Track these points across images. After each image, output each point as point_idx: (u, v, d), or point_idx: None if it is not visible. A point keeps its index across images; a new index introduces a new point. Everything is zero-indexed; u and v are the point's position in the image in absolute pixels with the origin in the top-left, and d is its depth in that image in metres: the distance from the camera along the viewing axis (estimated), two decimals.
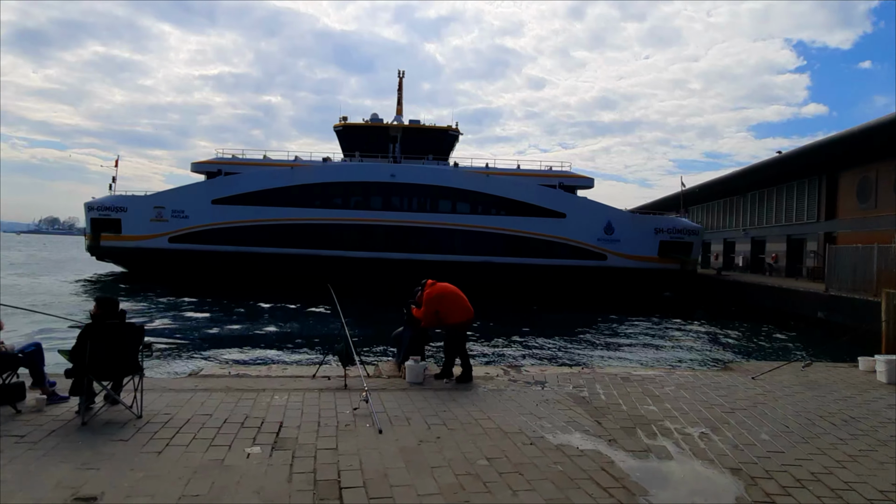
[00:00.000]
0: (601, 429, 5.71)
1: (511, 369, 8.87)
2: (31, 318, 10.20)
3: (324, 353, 8.20)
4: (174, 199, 38.66)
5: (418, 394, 6.91)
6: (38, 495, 3.81)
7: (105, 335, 5.39)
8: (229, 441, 4.99)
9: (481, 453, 4.90)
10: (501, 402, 6.61)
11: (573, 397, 6.94)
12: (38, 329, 11.95)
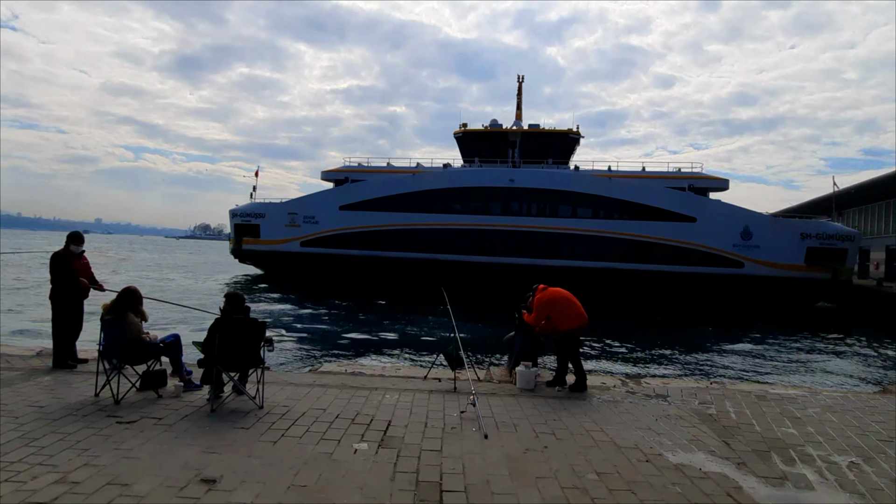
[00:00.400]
0: (729, 450, 5.19)
1: (630, 380, 8.38)
2: (174, 310, 11.29)
3: (436, 355, 8.25)
4: (305, 206, 41.24)
5: (528, 400, 6.71)
6: (167, 474, 4.12)
7: (231, 329, 5.77)
8: (339, 436, 5.12)
9: (591, 467, 4.63)
10: (617, 415, 6.24)
11: (698, 414, 6.39)
12: (179, 322, 13.25)
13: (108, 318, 5.97)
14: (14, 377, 6.65)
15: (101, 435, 4.87)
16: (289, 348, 14.35)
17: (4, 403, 5.59)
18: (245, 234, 42.08)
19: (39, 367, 7.15)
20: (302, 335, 16.98)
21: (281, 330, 17.69)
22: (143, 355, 6.13)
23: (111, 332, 5.93)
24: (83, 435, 4.84)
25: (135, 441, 4.76)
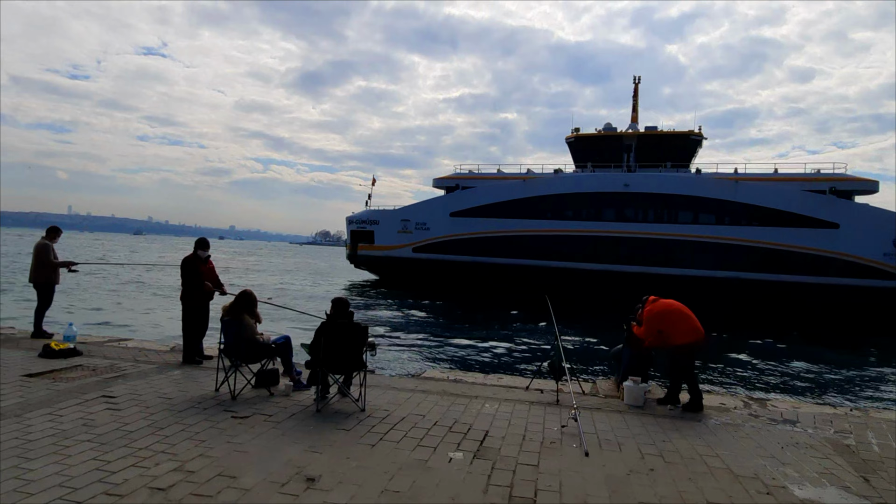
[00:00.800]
0: (868, 488, 4.57)
1: (753, 402, 7.68)
2: (287, 312, 11.96)
3: (537, 365, 8.06)
4: (417, 213, 42.28)
5: (636, 418, 6.34)
6: (271, 469, 4.32)
7: (335, 333, 5.97)
8: (435, 443, 5.12)
9: (702, 495, 4.26)
10: (736, 440, 5.72)
11: (833, 444, 5.70)
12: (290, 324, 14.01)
13: (226, 319, 6.41)
14: (150, 370, 7.34)
15: (217, 428, 5.22)
16: (394, 353, 14.70)
17: (139, 394, 6.16)
18: (360, 241, 43.92)
19: (171, 362, 7.84)
20: (408, 340, 17.34)
21: (387, 335, 18.21)
22: (256, 355, 6.52)
23: (229, 332, 6.36)
24: (202, 427, 5.21)
25: (246, 436, 5.05)
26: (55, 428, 4.93)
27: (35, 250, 9.12)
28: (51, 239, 9.27)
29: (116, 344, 9.01)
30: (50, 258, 9.11)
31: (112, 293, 26.84)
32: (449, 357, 15.00)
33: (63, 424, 5.04)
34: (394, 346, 15.53)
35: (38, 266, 9.07)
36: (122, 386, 6.43)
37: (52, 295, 9.25)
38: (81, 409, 5.49)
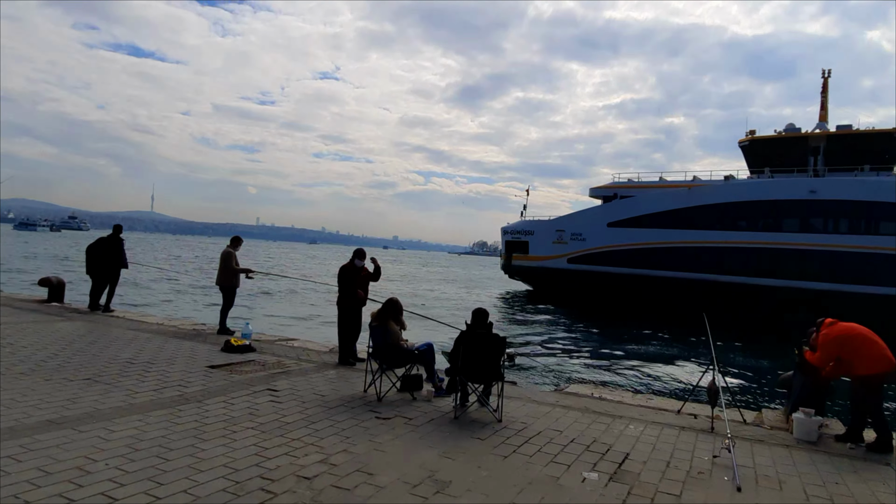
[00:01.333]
0: None
1: None
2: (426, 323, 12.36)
3: (693, 387, 7.48)
4: (573, 223, 41.45)
5: (805, 454, 5.63)
6: (405, 470, 4.50)
7: (474, 342, 6.07)
8: (570, 461, 4.97)
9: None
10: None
11: None
12: (435, 332, 14.43)
13: (373, 324, 6.81)
14: (309, 368, 8.02)
15: (361, 426, 5.55)
16: (539, 365, 14.51)
17: (298, 389, 6.76)
18: (515, 251, 44.11)
19: (328, 363, 8.50)
20: (555, 353, 17.03)
21: (533, 346, 18.03)
22: (400, 360, 6.83)
23: (376, 337, 6.75)
24: (348, 424, 5.58)
25: (386, 436, 5.31)
26: (227, 414, 5.59)
27: (221, 257, 10.44)
28: (234, 247, 10.56)
29: (284, 343, 9.98)
30: (232, 264, 10.37)
31: (283, 297, 29.76)
32: (595, 373, 14.47)
33: (233, 412, 5.69)
34: (539, 359, 15.34)
35: (223, 271, 10.37)
36: (284, 381, 7.11)
37: (233, 297, 10.51)
38: (249, 400, 6.16)
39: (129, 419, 5.21)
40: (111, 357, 7.68)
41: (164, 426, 5.09)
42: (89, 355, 7.70)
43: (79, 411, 5.33)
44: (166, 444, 4.67)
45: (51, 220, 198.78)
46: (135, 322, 11.01)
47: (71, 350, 7.94)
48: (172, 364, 7.58)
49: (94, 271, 11.91)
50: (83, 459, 4.20)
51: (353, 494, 3.99)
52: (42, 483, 3.76)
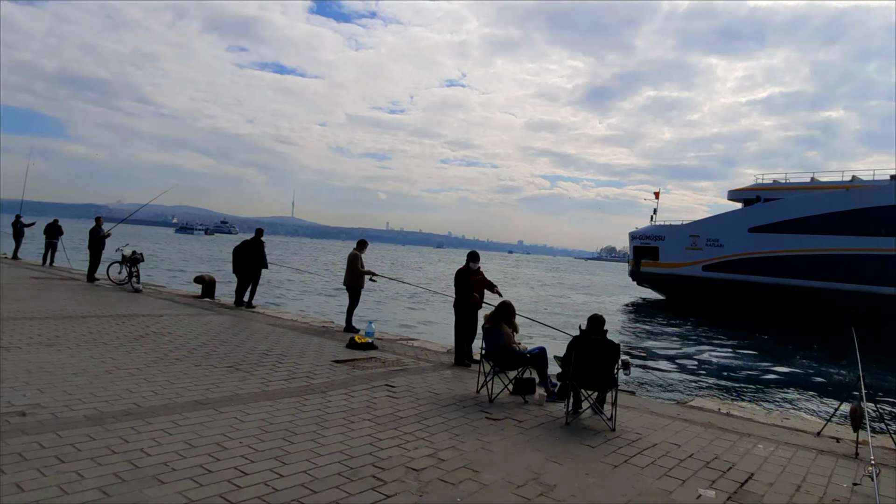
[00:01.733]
0: None
1: None
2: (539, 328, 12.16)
3: (835, 408, 6.76)
4: (709, 228, 38.87)
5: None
6: (511, 470, 4.53)
7: (587, 348, 5.95)
8: (685, 476, 4.72)
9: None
10: None
11: None
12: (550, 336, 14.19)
13: (486, 326, 6.90)
14: (427, 367, 8.30)
15: (471, 425, 5.66)
16: (663, 377, 13.76)
17: (414, 386, 7.03)
18: (644, 257, 42.23)
19: (445, 363, 8.72)
20: (682, 364, 16.04)
21: (658, 357, 17.13)
22: (512, 362, 6.85)
23: (489, 339, 6.84)
24: (458, 422, 5.72)
25: (494, 436, 5.38)
26: (347, 406, 5.95)
27: (348, 259, 11.10)
28: (360, 250, 11.18)
29: (405, 343, 10.38)
30: (359, 266, 10.98)
31: (406, 299, 30.78)
32: (728, 386, 13.46)
33: (353, 404, 6.05)
34: (663, 371, 14.56)
35: (350, 272, 11.01)
36: (402, 378, 7.42)
37: (359, 297, 11.12)
38: (368, 394, 6.51)
39: (261, 404, 5.73)
40: (250, 348, 8.46)
41: (291, 413, 5.54)
42: (232, 346, 8.54)
43: (220, 395, 5.95)
44: (292, 428, 5.08)
45: (205, 224, 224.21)
46: (272, 318, 12.01)
47: (217, 340, 8.86)
48: (302, 357, 8.20)
49: (238, 271, 13.16)
50: (221, 437, 4.70)
51: (458, 489, 4.09)
52: (186, 454, 4.26)
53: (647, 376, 13.53)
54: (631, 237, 44.03)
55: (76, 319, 9.77)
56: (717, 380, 14.52)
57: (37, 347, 7.41)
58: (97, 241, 16.16)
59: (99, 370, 6.51)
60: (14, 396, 5.31)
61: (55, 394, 5.49)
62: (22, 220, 22.78)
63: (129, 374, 6.46)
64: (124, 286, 15.11)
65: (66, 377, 6.10)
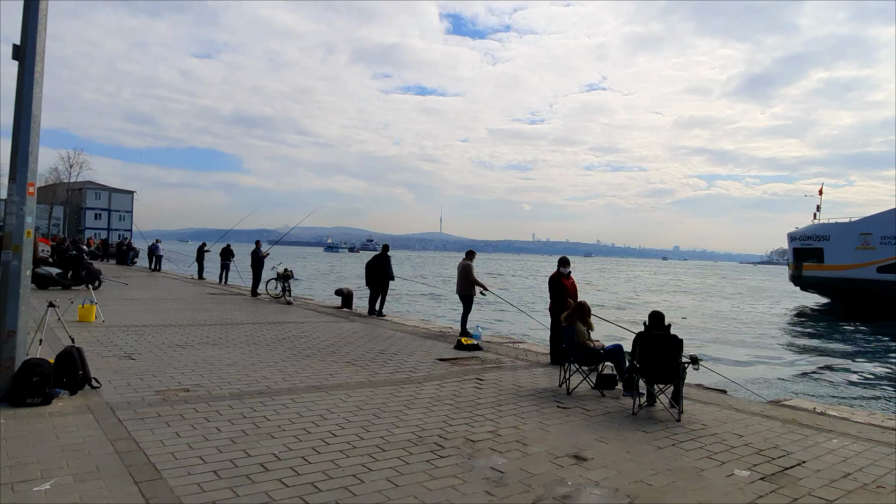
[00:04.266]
0: None
1: None
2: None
3: None
4: (885, 224, 34.72)
5: None
6: (557, 445, 5.18)
7: (650, 343, 6.36)
8: (728, 459, 5.04)
9: None
10: None
11: None
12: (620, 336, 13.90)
13: (564, 325, 7.51)
14: (521, 365, 9.04)
15: (539, 412, 6.34)
16: (777, 377, 12.97)
17: (501, 380, 7.83)
18: (806, 259, 38.65)
19: (542, 362, 9.38)
20: (808, 366, 14.87)
21: (786, 357, 15.96)
22: (588, 358, 7.37)
23: (566, 337, 7.44)
24: (528, 409, 6.43)
25: (556, 421, 6.02)
26: (435, 394, 6.92)
27: (460, 269, 12.14)
28: (470, 259, 12.17)
29: (512, 345, 11.16)
30: (471, 277, 11.97)
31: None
32: (857, 393, 12.41)
33: (441, 392, 7.01)
34: (787, 371, 13.69)
35: (462, 281, 12.04)
36: (493, 374, 8.25)
37: (471, 304, 12.09)
38: (457, 385, 7.43)
39: (364, 390, 6.90)
40: (369, 349, 9.80)
41: (386, 397, 6.64)
42: (354, 346, 9.94)
43: (333, 382, 7.23)
44: (383, 408, 6.16)
45: (352, 242, 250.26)
46: (398, 324, 13.42)
47: (343, 342, 10.34)
48: (411, 356, 9.34)
49: (370, 283, 14.81)
50: (325, 411, 5.90)
51: (503, 456, 4.85)
52: (295, 421, 5.50)
53: (757, 374, 12.90)
54: (790, 238, 40.52)
55: (237, 326, 11.88)
56: (865, 389, 13.40)
57: (204, 346, 9.35)
58: (257, 262, 18.93)
59: (246, 362, 8.16)
60: (183, 379, 7.01)
61: (211, 377, 7.13)
62: (205, 248, 27.06)
63: (268, 366, 8.02)
64: (279, 299, 17.56)
65: (221, 367, 7.78)
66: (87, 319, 11.18)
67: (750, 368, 15.68)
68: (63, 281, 17.95)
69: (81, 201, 79.11)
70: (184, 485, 3.89)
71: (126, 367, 7.55)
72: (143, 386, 6.59)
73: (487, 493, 4.06)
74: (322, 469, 4.32)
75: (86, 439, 4.71)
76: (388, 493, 3.97)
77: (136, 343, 9.34)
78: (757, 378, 13.89)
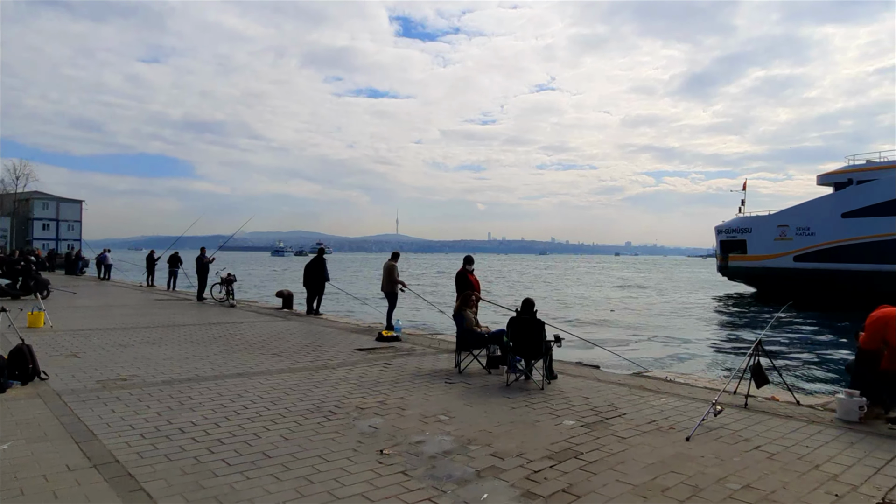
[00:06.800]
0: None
1: None
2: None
3: (744, 368, 7.83)
4: (798, 216, 37.58)
5: (812, 427, 6.08)
6: (427, 409, 6.40)
7: (520, 326, 7.69)
8: (566, 415, 6.36)
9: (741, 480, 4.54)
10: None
11: None
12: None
13: (454, 314, 8.79)
14: (430, 352, 10.30)
15: (428, 387, 7.58)
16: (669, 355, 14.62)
17: (406, 365, 9.06)
18: (731, 251, 41.35)
19: (450, 350, 10.64)
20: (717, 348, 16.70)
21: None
22: (476, 342, 8.67)
23: (458, 324, 8.72)
24: (419, 385, 7.66)
25: (439, 392, 7.27)
26: (344, 377, 8.09)
27: (384, 269, 13.31)
28: (394, 261, 13.36)
29: (430, 336, 12.41)
30: (394, 276, 13.16)
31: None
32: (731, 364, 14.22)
33: (349, 375, 8.18)
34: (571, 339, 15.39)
35: (386, 280, 13.22)
36: (401, 360, 9.48)
37: (395, 300, 13.29)
38: (366, 369, 8.62)
39: (282, 375, 8.02)
40: (297, 342, 10.90)
41: (299, 380, 7.77)
42: (284, 341, 11.02)
43: (257, 370, 8.33)
44: (294, 388, 7.30)
45: (298, 247, 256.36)
46: (332, 322, 14.52)
47: (275, 338, 11.40)
48: (333, 347, 10.49)
49: (307, 284, 15.84)
50: (243, 391, 7.01)
51: (382, 418, 6.07)
52: (215, 399, 6.60)
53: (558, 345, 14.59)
54: (717, 231, 43.21)
55: (178, 327, 12.78)
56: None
57: (144, 345, 10.29)
58: (202, 267, 19.71)
59: (181, 357, 9.17)
60: (122, 371, 8.01)
61: (147, 370, 8.14)
62: (155, 255, 27.49)
63: (200, 359, 9.05)
64: (223, 303, 18.40)
65: (158, 361, 8.79)
66: (35, 325, 11.93)
67: (648, 349, 17.50)
68: (12, 291, 18.43)
69: (29, 212, 77.02)
70: (115, 443, 4.97)
71: (71, 363, 8.48)
72: (86, 378, 7.56)
73: (358, 441, 5.27)
74: (229, 431, 5.46)
75: (36, 416, 5.73)
76: (279, 444, 5.13)
77: (81, 344, 10.20)
78: (651, 357, 15.62)
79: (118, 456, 4.68)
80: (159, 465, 4.53)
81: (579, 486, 4.34)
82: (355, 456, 4.88)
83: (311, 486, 4.21)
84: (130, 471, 4.38)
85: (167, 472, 4.37)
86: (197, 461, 4.63)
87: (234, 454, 4.82)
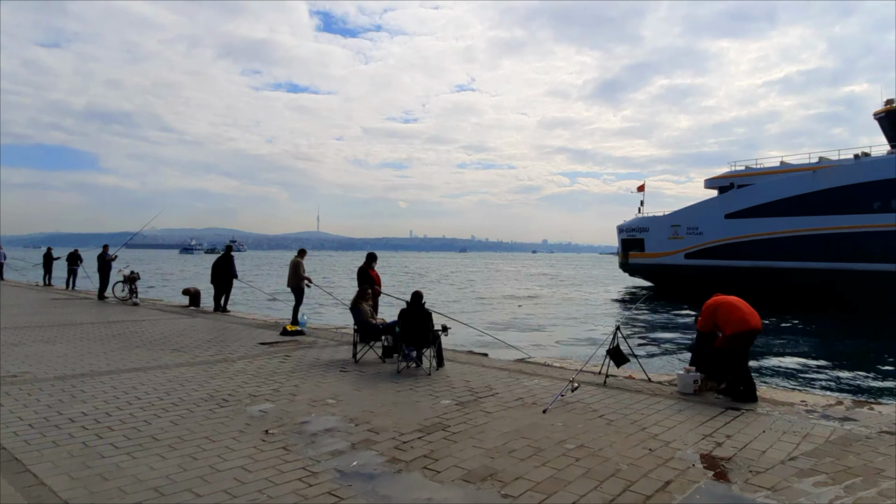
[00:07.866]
0: None
1: (855, 405, 7.32)
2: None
3: (609, 350, 8.84)
4: (689, 217, 40.55)
5: (652, 398, 7.07)
6: (319, 394, 6.91)
7: (409, 316, 8.33)
8: (445, 395, 7.03)
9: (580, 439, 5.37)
10: (738, 426, 6.19)
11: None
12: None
13: (351, 308, 9.33)
14: (331, 345, 10.76)
15: (322, 375, 8.07)
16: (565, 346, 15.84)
17: (305, 356, 9.50)
18: (631, 248, 44.04)
19: (353, 342, 11.15)
20: (581, 336, 18.25)
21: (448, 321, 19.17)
22: (371, 333, 9.25)
23: (354, 317, 9.27)
24: (314, 374, 8.14)
25: (331, 379, 7.79)
26: (242, 369, 8.43)
27: (291, 265, 13.61)
28: (301, 257, 13.69)
29: (335, 330, 12.85)
30: (300, 272, 13.49)
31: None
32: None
33: (248, 367, 8.53)
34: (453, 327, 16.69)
35: (293, 276, 13.53)
36: (302, 352, 9.89)
37: (302, 296, 13.62)
38: (265, 361, 8.99)
39: (180, 369, 8.26)
40: (200, 338, 11.04)
41: (197, 372, 8.05)
42: (186, 337, 11.13)
43: (154, 365, 8.52)
44: (191, 380, 7.58)
45: (211, 244, 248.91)
46: (240, 318, 14.62)
47: (177, 335, 11.47)
48: (237, 342, 10.74)
49: (214, 281, 15.81)
50: (137, 384, 7.23)
51: (273, 403, 6.52)
52: (109, 392, 6.80)
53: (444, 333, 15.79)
54: (619, 230, 45.83)
55: (75, 326, 12.52)
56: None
57: (38, 343, 10.13)
58: (104, 265, 19.09)
59: (76, 354, 9.17)
60: (13, 368, 7.98)
61: (40, 366, 8.15)
62: (52, 253, 26.09)
63: (96, 356, 9.09)
64: (126, 301, 17.94)
65: (52, 358, 8.76)
66: None
67: (540, 338, 18.79)
68: None
69: None
70: (2, 433, 5.16)
71: None
72: None
73: (246, 424, 5.72)
74: (120, 419, 5.75)
75: None
76: (168, 429, 5.50)
77: None
78: (543, 344, 16.85)
79: (5, 444, 4.90)
80: (47, 450, 4.81)
81: (438, 452, 5.02)
82: (241, 437, 5.33)
83: (195, 461, 4.64)
84: (17, 456, 4.64)
85: (54, 456, 4.67)
86: (85, 445, 4.94)
87: (123, 438, 5.15)
